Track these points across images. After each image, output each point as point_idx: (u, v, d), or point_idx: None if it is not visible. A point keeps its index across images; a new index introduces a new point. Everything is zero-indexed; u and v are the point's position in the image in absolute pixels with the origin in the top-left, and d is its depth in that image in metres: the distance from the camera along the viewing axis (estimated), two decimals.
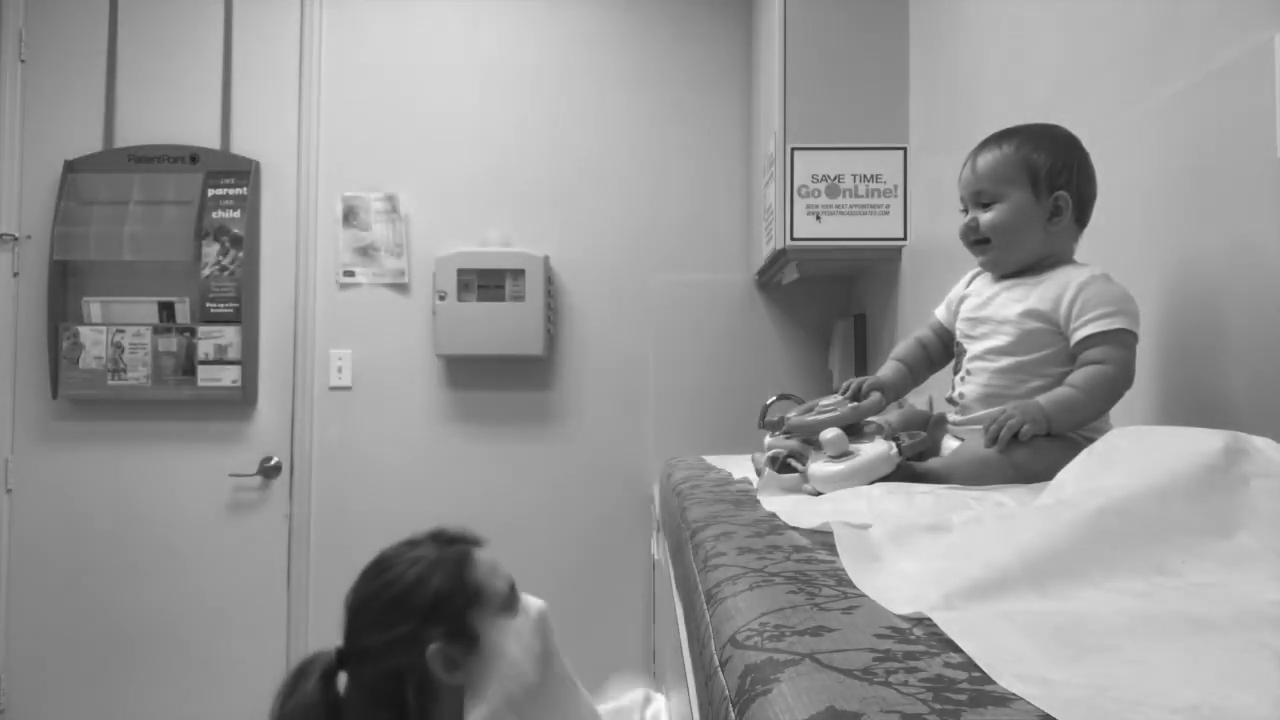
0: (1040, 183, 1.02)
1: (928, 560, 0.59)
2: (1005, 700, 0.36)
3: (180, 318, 2.84)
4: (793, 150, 2.19)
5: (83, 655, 2.86)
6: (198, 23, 2.92)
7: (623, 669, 2.82)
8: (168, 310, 2.84)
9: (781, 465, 1.03)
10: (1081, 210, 1.05)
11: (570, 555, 2.87)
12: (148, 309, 2.84)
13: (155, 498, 2.87)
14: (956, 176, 1.11)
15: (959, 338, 1.11)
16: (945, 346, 1.16)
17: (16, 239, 2.88)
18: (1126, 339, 0.96)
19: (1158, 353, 1.07)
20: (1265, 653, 0.41)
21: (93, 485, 2.87)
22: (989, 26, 1.69)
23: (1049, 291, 1.00)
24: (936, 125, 1.99)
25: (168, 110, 2.91)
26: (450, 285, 2.75)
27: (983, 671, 0.39)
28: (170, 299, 2.84)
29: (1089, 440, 0.87)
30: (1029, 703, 0.35)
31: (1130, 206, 1.13)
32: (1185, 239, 1.02)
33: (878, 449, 0.95)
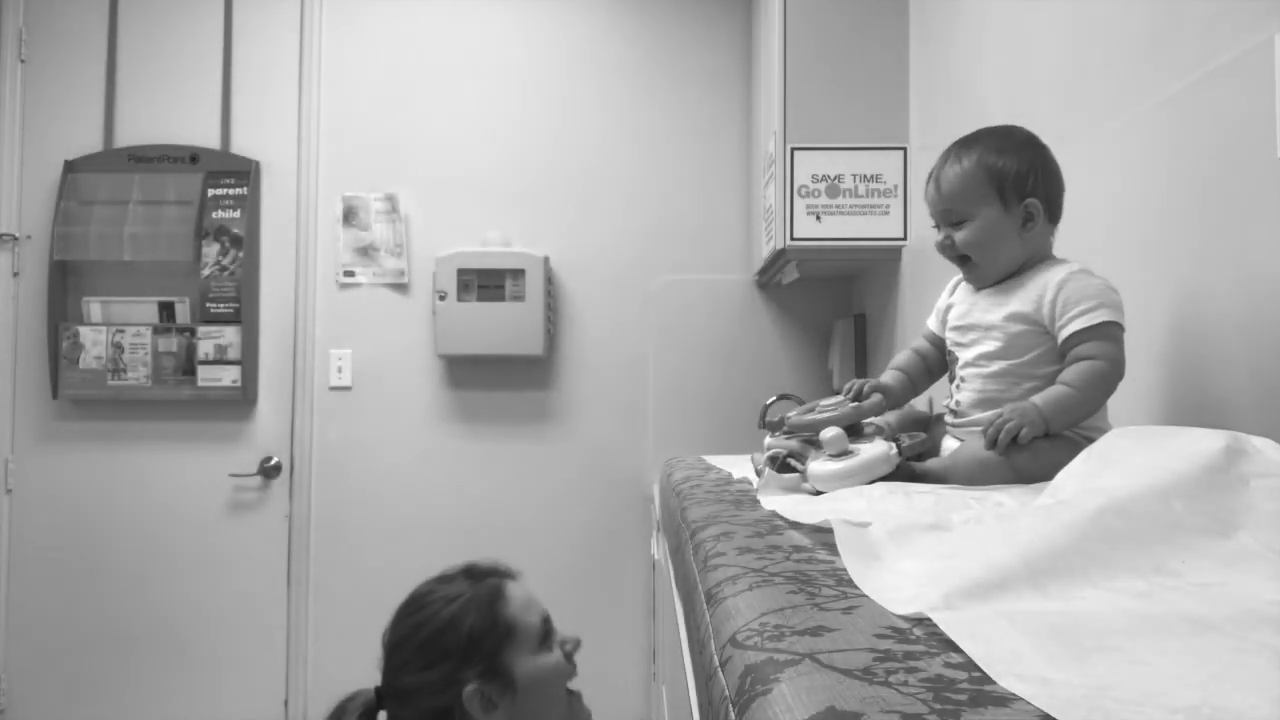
0: (1008, 193, 1.02)
1: (928, 560, 0.59)
2: (1005, 700, 0.36)
3: (180, 318, 2.84)
4: (793, 150, 2.19)
5: (83, 655, 2.86)
6: (198, 23, 2.92)
7: (623, 669, 2.83)
8: (168, 310, 2.84)
9: (781, 465, 1.03)
10: (1052, 210, 1.04)
11: (570, 555, 2.87)
12: (148, 309, 2.84)
13: (155, 498, 2.87)
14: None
15: (950, 346, 1.11)
16: (941, 356, 1.17)
17: (16, 239, 2.88)
18: (1113, 331, 0.96)
19: (1157, 353, 1.07)
20: (1265, 653, 0.41)
21: (93, 485, 2.87)
22: (989, 27, 1.69)
23: (1030, 293, 1.00)
24: (936, 125, 1.99)
25: (168, 110, 2.91)
26: (450, 285, 2.75)
27: (983, 671, 0.39)
28: (170, 299, 2.84)
29: (1088, 440, 0.87)
30: (1029, 703, 0.35)
31: (1130, 206, 1.13)
32: (1185, 239, 1.02)
33: (878, 449, 0.96)
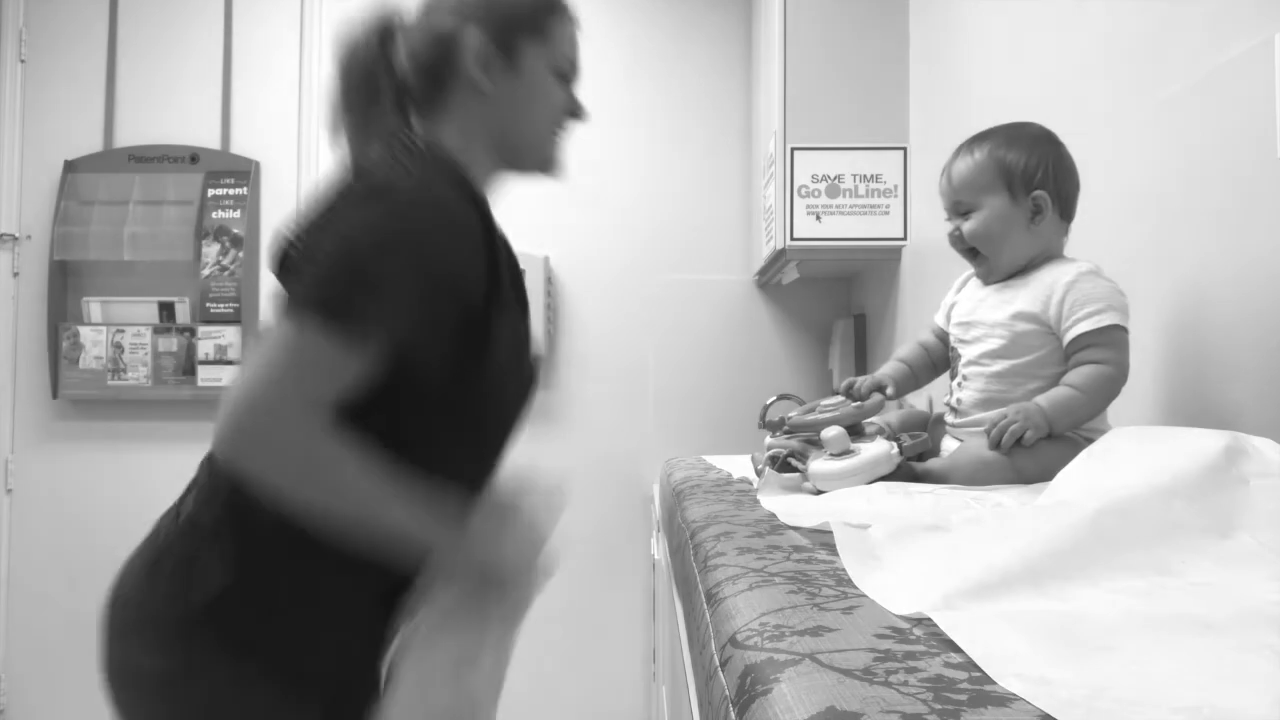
0: (1016, 185, 1.01)
1: (928, 560, 0.59)
2: (1005, 700, 0.36)
3: (180, 318, 2.84)
4: (793, 150, 2.19)
5: (83, 655, 2.84)
6: (198, 23, 2.92)
7: (623, 669, 2.82)
8: (168, 310, 2.84)
9: (782, 465, 1.03)
10: (1064, 206, 1.04)
11: (570, 555, 2.86)
12: (148, 309, 2.84)
13: (155, 498, 2.83)
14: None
15: (953, 343, 1.10)
16: (946, 350, 1.16)
17: (16, 239, 2.88)
18: (1119, 335, 0.96)
19: (1157, 354, 1.07)
20: (1265, 653, 0.41)
21: (93, 485, 2.87)
22: (989, 27, 1.69)
23: (1037, 292, 1.00)
24: (936, 125, 1.99)
25: (168, 110, 2.90)
26: None
27: (983, 671, 0.39)
28: (170, 299, 2.84)
29: (1089, 440, 0.87)
30: (1029, 703, 0.35)
31: (1130, 207, 1.13)
32: (1185, 239, 1.02)
33: (879, 448, 0.96)
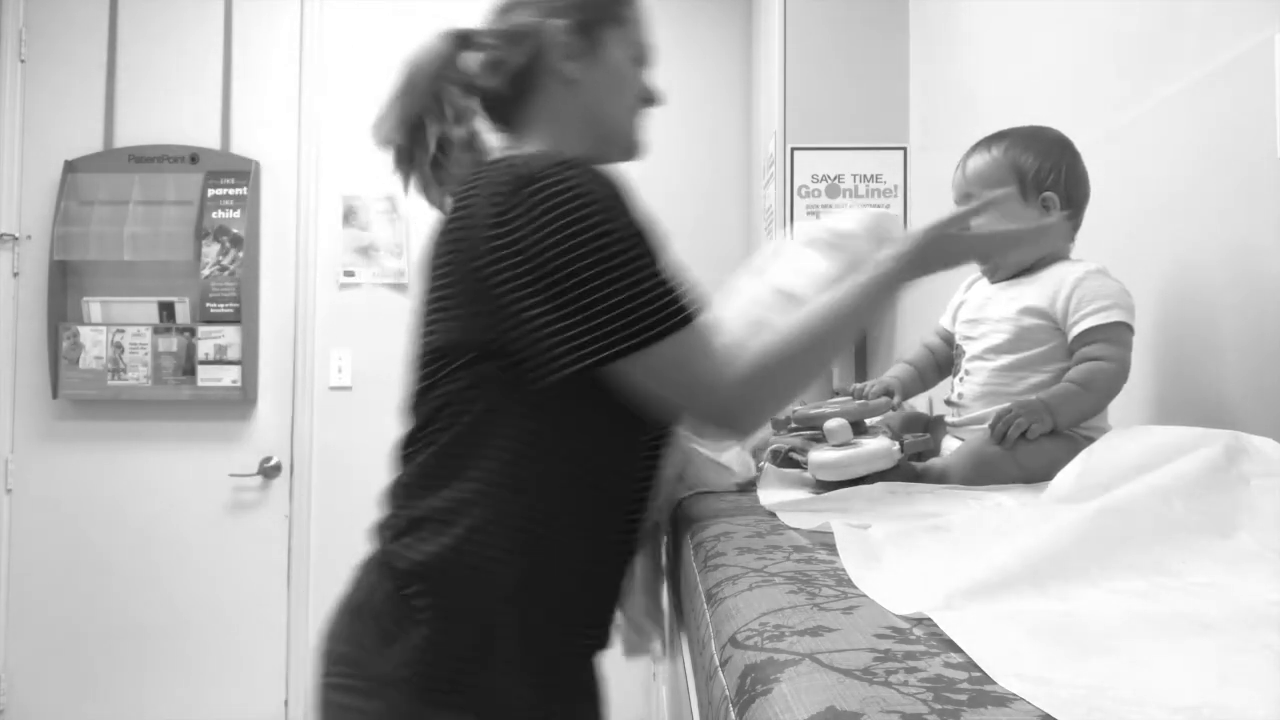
0: (1027, 185, 1.02)
1: (928, 560, 0.59)
2: (1005, 700, 0.36)
3: (180, 318, 2.84)
4: (793, 150, 2.19)
5: (83, 655, 2.86)
6: (198, 23, 2.92)
7: (623, 669, 2.82)
8: (168, 310, 2.84)
9: (783, 460, 1.03)
10: (1073, 211, 1.05)
11: None
12: (148, 309, 2.84)
13: (155, 498, 2.87)
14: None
15: (958, 340, 1.11)
16: (951, 351, 1.17)
17: (16, 239, 2.88)
18: (1123, 333, 0.96)
19: (1156, 354, 1.07)
20: (1265, 653, 0.41)
21: (93, 485, 2.87)
22: (989, 26, 1.69)
23: (1045, 288, 1.01)
24: (936, 125, 1.99)
25: (168, 110, 2.90)
26: None
27: (983, 671, 0.39)
28: (170, 299, 2.84)
29: (1089, 439, 0.87)
30: (1029, 703, 0.35)
31: (1130, 206, 1.13)
32: (1185, 239, 1.02)
33: (880, 443, 0.96)
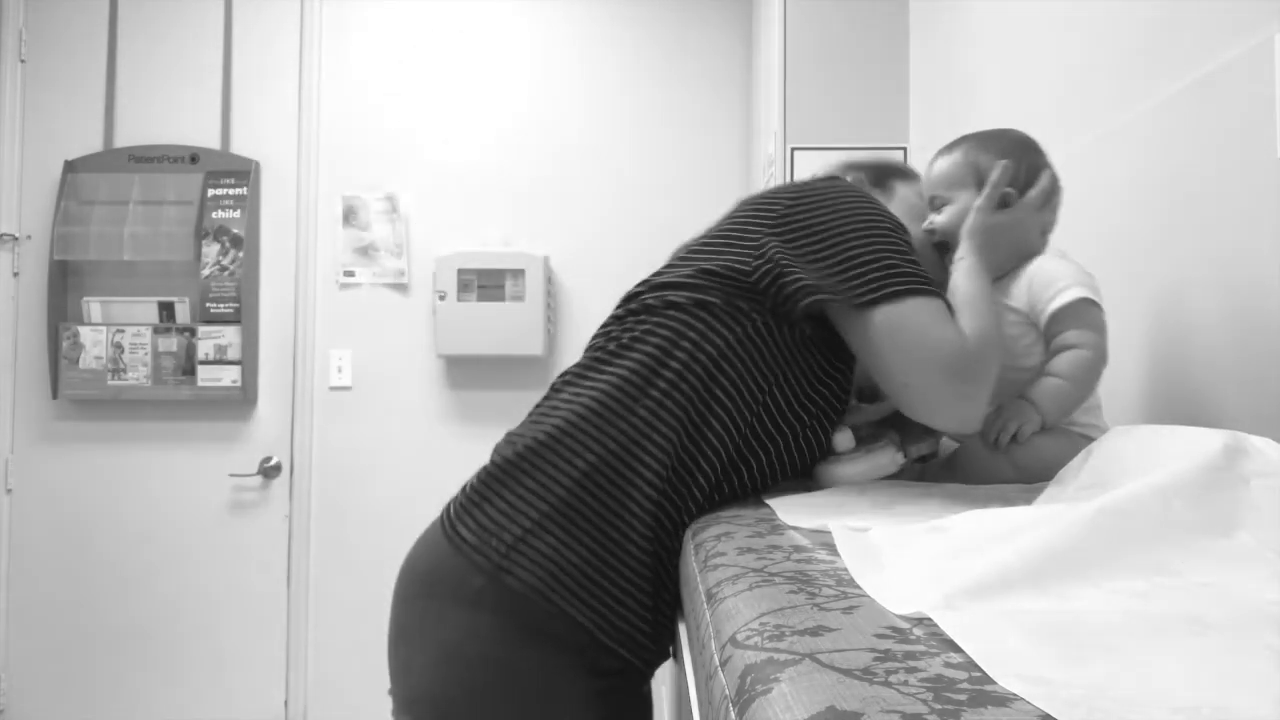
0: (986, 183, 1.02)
1: (928, 560, 0.59)
2: (1005, 700, 0.36)
3: (180, 318, 2.84)
4: (793, 150, 2.19)
5: (83, 655, 2.86)
6: (198, 23, 2.92)
7: None
8: (168, 310, 2.84)
9: None
10: (1041, 206, 1.04)
11: None
12: (148, 309, 2.84)
13: (155, 498, 2.87)
14: None
15: None
16: None
17: (16, 239, 2.88)
18: (1093, 313, 0.96)
19: (1155, 353, 1.07)
20: (1265, 653, 0.41)
21: (93, 485, 2.87)
22: (989, 26, 1.69)
23: (1017, 287, 1.01)
24: (936, 125, 1.99)
25: (168, 110, 2.91)
26: (450, 285, 2.75)
27: (983, 671, 0.39)
28: (170, 299, 2.84)
29: (1087, 438, 0.87)
30: (1029, 703, 0.35)
31: (1129, 206, 1.13)
32: (1184, 239, 1.02)
33: (884, 452, 0.97)
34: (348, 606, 2.80)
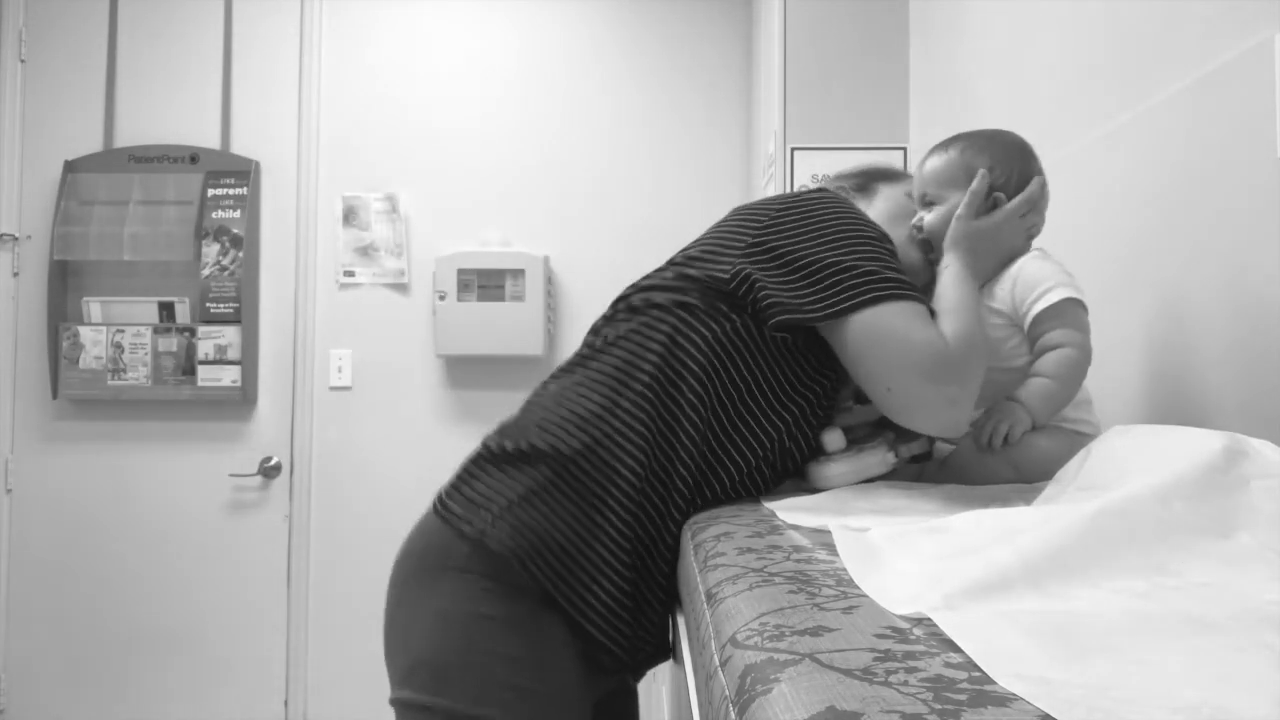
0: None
1: (927, 560, 0.59)
2: (1005, 700, 0.36)
3: (180, 318, 2.84)
4: (793, 150, 2.19)
5: (83, 655, 2.86)
6: (198, 23, 2.92)
7: None
8: (168, 310, 2.84)
9: None
10: (1028, 211, 1.04)
11: None
12: (148, 309, 2.84)
13: (155, 498, 2.87)
14: None
15: None
16: None
17: (16, 239, 2.88)
18: (1076, 312, 0.97)
19: (1154, 354, 1.07)
20: (1265, 653, 0.41)
21: (93, 485, 2.87)
22: (989, 27, 1.69)
23: (1001, 289, 1.01)
24: (936, 125, 1.99)
25: (168, 110, 2.90)
26: (450, 285, 2.75)
27: (983, 671, 0.39)
28: (170, 299, 2.84)
29: (1081, 434, 0.87)
30: (1029, 703, 0.36)
31: (1130, 206, 1.13)
32: (1184, 240, 1.02)
33: (876, 451, 0.97)
34: (348, 606, 2.80)
